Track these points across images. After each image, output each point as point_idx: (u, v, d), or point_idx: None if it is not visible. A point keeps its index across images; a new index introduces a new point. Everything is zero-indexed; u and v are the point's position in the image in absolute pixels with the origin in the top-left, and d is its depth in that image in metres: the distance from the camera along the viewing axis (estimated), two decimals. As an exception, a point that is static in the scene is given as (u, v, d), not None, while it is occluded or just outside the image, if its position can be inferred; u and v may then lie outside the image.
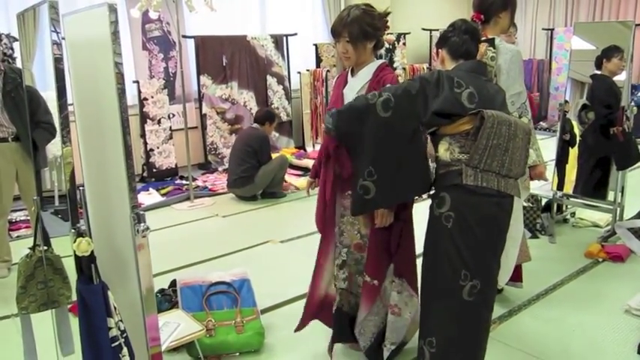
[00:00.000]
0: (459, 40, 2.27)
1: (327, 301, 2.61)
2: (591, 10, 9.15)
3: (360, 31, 2.32)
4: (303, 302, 2.67)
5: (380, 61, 2.44)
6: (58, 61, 1.72)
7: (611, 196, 4.11)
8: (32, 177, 3.56)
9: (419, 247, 2.37)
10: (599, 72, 4.09)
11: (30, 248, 1.90)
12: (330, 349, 2.59)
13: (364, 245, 2.47)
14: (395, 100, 2.09)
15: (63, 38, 1.78)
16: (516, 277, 3.10)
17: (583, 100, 4.16)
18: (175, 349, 2.61)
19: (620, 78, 4.02)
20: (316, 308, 2.62)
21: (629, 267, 3.62)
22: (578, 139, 4.23)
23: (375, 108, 2.10)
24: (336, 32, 2.37)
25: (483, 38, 2.88)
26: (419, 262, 2.32)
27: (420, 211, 2.39)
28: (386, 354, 2.50)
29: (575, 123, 4.24)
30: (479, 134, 2.02)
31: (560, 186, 4.33)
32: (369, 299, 2.46)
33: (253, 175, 5.37)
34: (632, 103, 4.02)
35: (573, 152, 4.31)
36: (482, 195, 2.03)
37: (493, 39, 2.85)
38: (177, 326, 2.50)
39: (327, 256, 2.57)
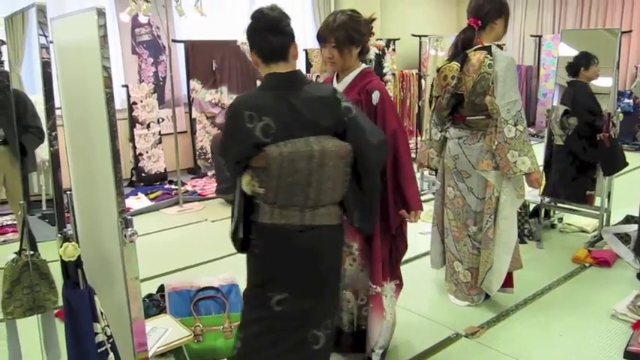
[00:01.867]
0: (264, 40, 1.96)
1: None
2: (578, 17, 9.26)
3: (346, 36, 2.31)
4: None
5: (363, 66, 2.44)
6: (46, 64, 1.71)
7: (597, 201, 4.15)
8: (20, 181, 3.53)
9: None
10: (575, 79, 4.14)
11: (16, 253, 1.89)
12: None
13: (346, 254, 2.45)
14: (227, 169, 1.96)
15: (51, 42, 1.78)
16: (507, 283, 3.12)
17: (563, 106, 4.19)
18: (163, 355, 2.59)
19: (607, 85, 4.07)
20: None
21: (615, 272, 3.65)
22: (558, 143, 4.25)
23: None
24: (322, 37, 2.37)
25: (479, 46, 2.91)
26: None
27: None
28: (375, 359, 2.51)
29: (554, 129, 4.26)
30: (268, 174, 1.88)
31: (548, 192, 4.36)
32: (379, 309, 2.44)
33: None
34: (619, 110, 4.06)
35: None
36: (281, 232, 1.95)
37: (490, 46, 2.88)
38: (164, 331, 2.49)
39: None
